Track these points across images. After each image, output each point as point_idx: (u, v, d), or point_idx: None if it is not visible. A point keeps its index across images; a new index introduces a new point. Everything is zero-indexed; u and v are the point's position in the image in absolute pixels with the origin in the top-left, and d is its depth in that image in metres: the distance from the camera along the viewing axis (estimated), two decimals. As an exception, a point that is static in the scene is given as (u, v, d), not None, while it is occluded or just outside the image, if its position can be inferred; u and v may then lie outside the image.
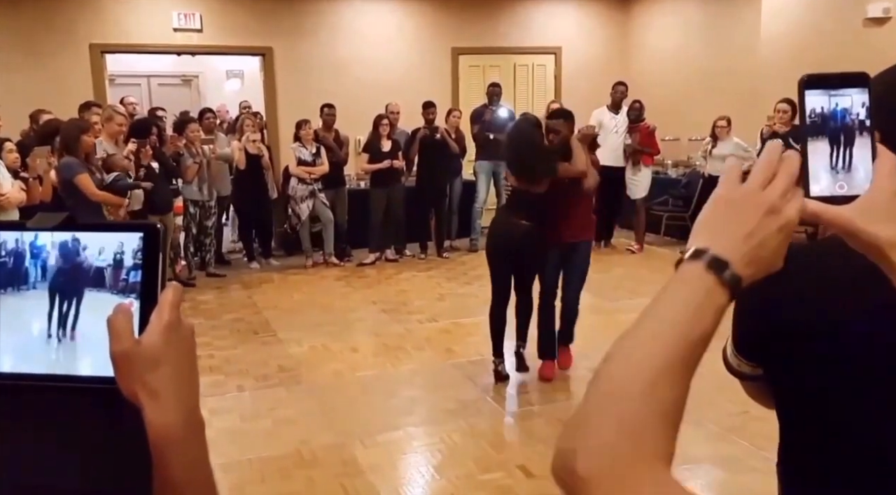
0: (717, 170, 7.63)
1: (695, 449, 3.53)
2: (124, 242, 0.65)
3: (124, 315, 0.62)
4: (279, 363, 4.80)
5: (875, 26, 6.62)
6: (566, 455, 0.62)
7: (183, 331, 0.64)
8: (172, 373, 0.62)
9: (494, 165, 8.21)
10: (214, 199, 7.19)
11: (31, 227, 0.67)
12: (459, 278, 7.07)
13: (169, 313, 0.63)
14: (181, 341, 0.64)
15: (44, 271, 0.66)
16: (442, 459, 3.46)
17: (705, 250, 0.66)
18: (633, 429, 0.61)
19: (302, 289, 6.81)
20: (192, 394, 0.65)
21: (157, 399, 0.61)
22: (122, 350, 0.61)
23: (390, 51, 8.99)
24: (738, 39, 8.18)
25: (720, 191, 0.71)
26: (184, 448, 0.63)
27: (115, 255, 0.65)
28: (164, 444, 0.62)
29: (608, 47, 9.92)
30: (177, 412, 0.62)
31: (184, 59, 9.37)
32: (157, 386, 0.62)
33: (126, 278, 0.65)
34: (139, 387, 0.62)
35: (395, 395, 4.28)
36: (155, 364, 0.62)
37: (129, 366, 0.61)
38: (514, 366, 4.50)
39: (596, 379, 0.64)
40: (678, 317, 0.65)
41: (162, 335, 0.62)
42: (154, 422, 0.61)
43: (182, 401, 0.63)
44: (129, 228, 0.66)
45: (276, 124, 8.69)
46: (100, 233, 0.66)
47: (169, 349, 0.62)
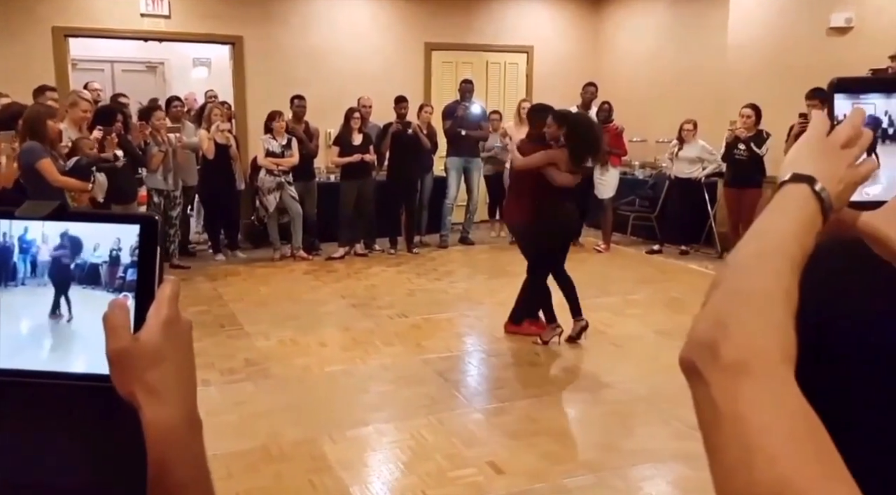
0: (683, 172, 7.77)
1: (662, 445, 3.58)
2: (121, 238, 0.62)
3: (121, 310, 0.60)
4: (246, 357, 4.74)
5: (838, 35, 6.78)
6: (705, 346, 0.60)
7: (182, 327, 0.62)
8: (172, 371, 0.60)
9: (465, 161, 8.23)
10: (180, 189, 7.06)
11: (21, 216, 0.63)
12: (430, 274, 7.07)
13: (168, 308, 0.61)
14: (180, 337, 0.62)
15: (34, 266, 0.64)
16: (412, 455, 3.46)
17: (812, 178, 0.66)
18: (777, 329, 0.59)
19: (269, 282, 6.74)
20: (191, 392, 0.63)
21: (158, 397, 0.59)
22: (119, 347, 0.59)
23: (363, 43, 8.93)
24: (706, 44, 8.31)
25: (811, 137, 0.70)
26: (184, 447, 0.61)
27: (111, 252, 0.62)
28: (165, 444, 0.60)
29: (579, 48, 10.00)
30: (178, 410, 0.60)
31: (149, 45, 9.18)
32: (157, 384, 0.59)
33: (123, 276, 0.62)
34: (137, 386, 0.59)
35: (365, 390, 4.26)
36: (154, 361, 0.59)
37: (126, 364, 0.59)
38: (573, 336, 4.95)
39: (732, 278, 0.64)
40: (795, 230, 0.65)
41: (161, 331, 0.60)
42: (154, 422, 0.59)
43: (183, 400, 0.61)
44: (125, 219, 0.63)
45: (245, 114, 8.57)
46: (94, 225, 0.63)
47: (168, 345, 0.60)
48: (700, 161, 7.70)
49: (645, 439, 3.67)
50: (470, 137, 8.19)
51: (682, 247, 7.85)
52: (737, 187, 7.04)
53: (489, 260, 7.80)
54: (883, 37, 6.10)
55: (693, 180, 7.73)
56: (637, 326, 5.41)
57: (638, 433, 3.77)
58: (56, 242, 0.63)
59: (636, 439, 3.68)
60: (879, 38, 6.16)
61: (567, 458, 3.46)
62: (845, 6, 6.71)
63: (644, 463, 3.42)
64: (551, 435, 3.71)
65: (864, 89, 0.74)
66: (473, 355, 4.98)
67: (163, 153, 6.73)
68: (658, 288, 6.54)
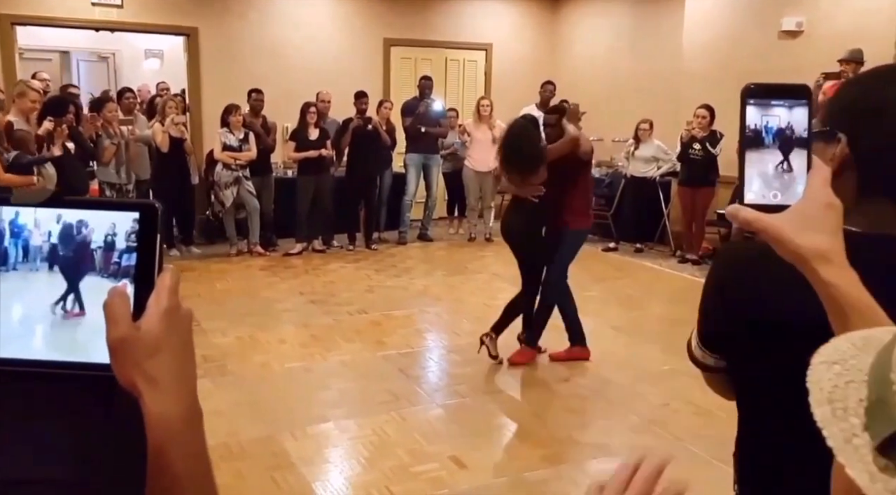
0: (639, 171, 7.90)
1: (617, 439, 3.65)
2: (116, 223, 0.62)
3: (121, 298, 0.59)
4: (203, 353, 4.66)
5: (789, 38, 6.98)
6: None
7: (182, 317, 0.62)
8: (173, 361, 0.60)
9: (425, 158, 8.23)
10: (133, 183, 6.91)
11: (16, 203, 0.63)
12: (388, 270, 7.05)
13: (168, 298, 0.60)
14: (180, 327, 0.61)
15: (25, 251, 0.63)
16: (374, 451, 3.45)
17: None
18: None
19: (225, 278, 6.64)
20: (191, 383, 0.62)
21: (158, 387, 0.59)
22: (120, 336, 0.58)
23: (322, 38, 8.85)
24: (662, 45, 8.47)
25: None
26: (185, 438, 0.61)
27: (105, 237, 0.62)
28: (164, 435, 0.59)
29: (538, 46, 10.08)
30: (178, 401, 0.60)
31: (101, 36, 8.92)
32: (157, 373, 0.59)
33: (118, 261, 0.62)
34: (138, 375, 0.59)
35: (326, 387, 4.23)
36: (155, 350, 0.59)
37: (127, 353, 0.58)
38: None
39: None
40: None
41: (162, 320, 0.59)
42: (154, 412, 0.59)
43: (183, 390, 0.61)
44: (124, 207, 0.62)
45: (200, 107, 8.41)
46: (91, 212, 0.63)
47: (169, 335, 0.60)
48: (655, 160, 7.85)
49: (602, 432, 3.73)
50: (429, 134, 8.19)
51: (637, 245, 7.99)
52: (691, 186, 7.19)
53: (448, 256, 7.82)
54: (832, 41, 6.30)
55: (648, 179, 7.87)
56: (593, 322, 5.48)
57: (596, 426, 3.83)
58: (51, 227, 0.62)
59: (594, 432, 3.74)
60: (829, 42, 6.36)
61: (527, 452, 3.50)
62: (796, 11, 6.91)
63: (602, 456, 3.48)
64: (511, 430, 3.75)
65: (773, 96, 0.77)
66: (434, 351, 4.99)
67: (115, 146, 6.57)
68: (614, 285, 6.65)
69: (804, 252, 0.72)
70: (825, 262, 0.72)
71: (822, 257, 0.72)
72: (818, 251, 0.72)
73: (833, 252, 0.72)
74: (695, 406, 3.81)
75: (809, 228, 0.72)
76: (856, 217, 0.92)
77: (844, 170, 0.92)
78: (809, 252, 0.72)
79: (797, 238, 0.72)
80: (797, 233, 0.72)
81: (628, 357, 4.78)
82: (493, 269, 7.07)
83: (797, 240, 0.72)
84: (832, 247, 0.72)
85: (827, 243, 0.72)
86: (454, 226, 8.97)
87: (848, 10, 6.49)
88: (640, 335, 5.20)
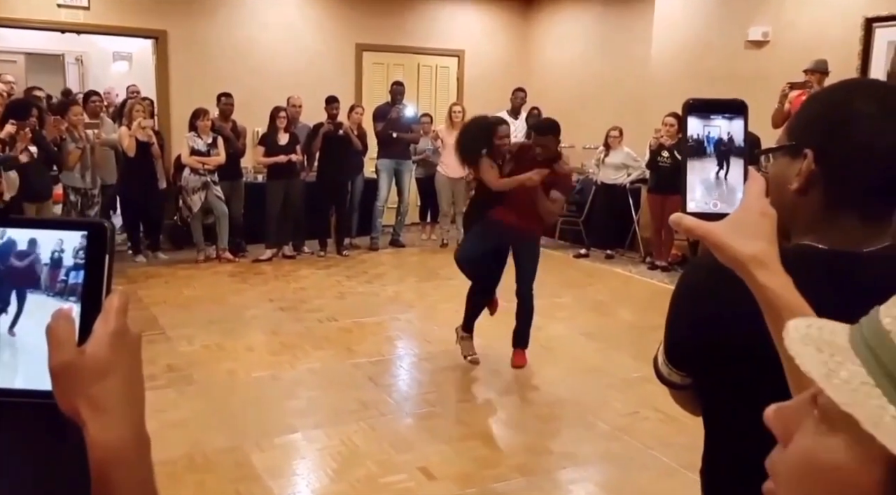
0: (609, 178, 7.95)
1: (587, 448, 3.65)
2: (64, 239, 0.59)
3: (65, 321, 0.56)
4: (168, 362, 4.58)
5: (755, 48, 7.08)
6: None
7: (130, 340, 0.59)
8: (120, 386, 0.57)
9: (396, 164, 8.19)
10: (98, 188, 6.78)
11: None
12: (360, 277, 7.00)
13: (116, 320, 0.58)
14: (129, 351, 0.59)
15: None
16: (342, 462, 3.41)
17: None
18: None
19: (193, 284, 6.54)
20: (139, 409, 0.60)
21: (104, 414, 0.56)
22: (64, 361, 0.56)
23: (293, 42, 8.78)
24: (632, 53, 8.55)
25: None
26: (130, 467, 0.58)
27: (52, 254, 0.59)
28: (109, 464, 0.56)
29: (509, 53, 10.11)
30: (125, 428, 0.57)
31: (67, 38, 8.77)
32: (104, 400, 0.56)
33: (65, 279, 0.59)
34: (82, 402, 0.56)
35: (294, 396, 4.17)
36: (101, 375, 0.56)
37: (71, 379, 0.56)
38: None
39: None
40: None
41: (109, 344, 0.57)
42: (99, 440, 0.56)
43: (130, 416, 0.58)
44: (71, 226, 0.60)
45: (168, 111, 8.29)
46: (37, 231, 0.60)
47: (116, 359, 0.57)
48: (625, 167, 7.91)
49: (573, 441, 3.73)
50: (401, 140, 8.16)
51: (607, 252, 8.04)
52: (660, 193, 7.25)
53: (420, 262, 7.79)
54: (797, 51, 6.40)
55: (618, 186, 7.93)
56: (564, 329, 5.51)
57: (566, 435, 3.83)
58: None
59: (564, 441, 3.74)
60: (794, 51, 6.47)
61: (497, 462, 3.48)
62: (762, 21, 7.01)
63: (572, 465, 3.47)
64: (482, 439, 3.73)
65: (713, 111, 0.82)
66: (404, 359, 4.95)
67: (80, 150, 6.44)
68: (585, 291, 6.67)
69: (742, 257, 0.77)
70: (761, 267, 0.77)
71: (759, 262, 0.77)
72: (754, 257, 0.76)
73: (768, 257, 0.77)
74: (663, 414, 3.83)
75: (746, 235, 0.77)
76: (822, 233, 0.92)
77: (811, 186, 0.91)
78: (746, 257, 0.77)
79: (735, 244, 0.77)
80: (735, 240, 0.77)
81: (599, 364, 4.79)
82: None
83: (735, 247, 0.77)
84: (767, 253, 0.77)
85: (763, 249, 0.77)
86: (427, 231, 8.95)
87: (812, 20, 6.60)
88: (610, 341, 5.22)
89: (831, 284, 0.86)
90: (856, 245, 0.90)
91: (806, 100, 0.98)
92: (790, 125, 0.94)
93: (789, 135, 0.94)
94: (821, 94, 1.00)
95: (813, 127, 0.91)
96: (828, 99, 0.95)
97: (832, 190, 0.89)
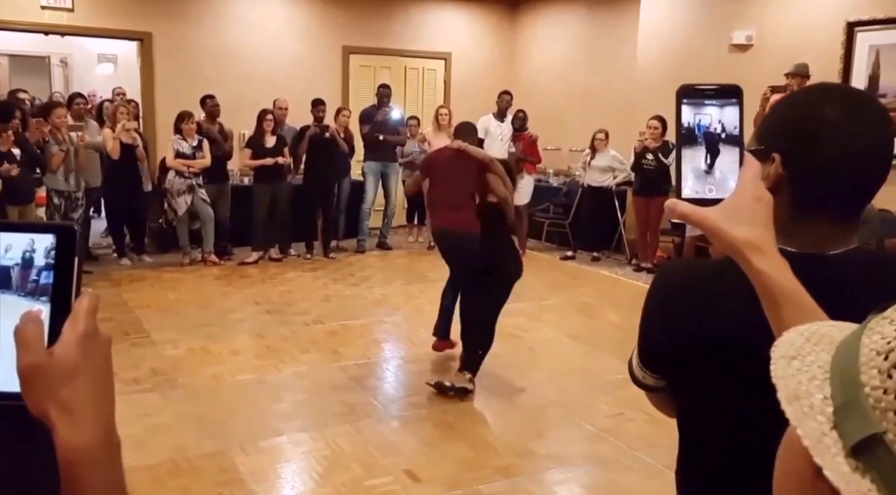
0: (595, 180, 7.99)
1: (573, 449, 3.66)
2: (35, 240, 0.59)
3: (34, 324, 0.56)
4: (152, 366, 4.55)
5: (739, 52, 7.14)
6: None
7: (100, 342, 0.59)
8: (89, 388, 0.57)
9: (383, 166, 8.19)
10: (82, 190, 6.72)
11: None
12: (346, 279, 6.99)
13: (85, 322, 0.57)
14: (98, 353, 0.58)
15: None
16: (327, 465, 3.40)
17: None
18: None
19: (178, 287, 6.50)
20: (109, 411, 0.59)
21: (72, 416, 0.56)
22: (32, 362, 0.55)
23: (279, 44, 8.76)
24: (617, 56, 8.59)
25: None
26: (100, 470, 0.58)
27: (24, 253, 0.59)
28: (78, 466, 0.56)
29: (496, 56, 10.13)
30: (94, 430, 0.57)
31: (51, 39, 8.71)
32: (72, 401, 0.56)
33: (36, 279, 0.59)
34: (51, 404, 0.56)
35: (279, 399, 4.16)
36: (70, 377, 0.56)
37: (39, 381, 0.56)
38: None
39: None
40: None
41: (77, 346, 0.57)
42: (68, 442, 0.56)
43: (99, 419, 0.58)
44: (39, 229, 0.60)
45: (154, 113, 8.25)
46: (7, 233, 0.60)
47: (85, 361, 0.57)
48: (611, 170, 7.94)
49: (558, 443, 3.73)
50: (388, 142, 8.16)
51: (594, 254, 8.07)
52: (645, 196, 7.28)
53: (406, 265, 7.79)
54: (780, 55, 6.45)
55: (604, 188, 7.96)
56: (551, 331, 5.52)
57: (551, 437, 3.83)
58: None
59: (550, 443, 3.74)
60: (777, 55, 6.52)
61: (483, 464, 3.48)
62: (746, 25, 7.07)
63: (558, 466, 3.48)
64: (467, 442, 3.73)
65: (705, 96, 0.82)
66: (391, 362, 4.95)
67: (64, 152, 6.39)
68: (571, 293, 6.69)
69: (737, 243, 0.77)
70: (757, 252, 0.76)
71: (754, 247, 0.76)
72: (750, 241, 0.76)
73: (764, 242, 0.77)
74: (648, 415, 3.83)
75: (741, 220, 0.76)
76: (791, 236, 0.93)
77: (778, 190, 0.92)
78: (742, 242, 0.76)
79: (730, 229, 0.77)
80: (730, 225, 0.77)
81: (585, 365, 4.80)
82: (451, 278, 7.05)
83: (730, 232, 0.77)
84: (763, 237, 0.77)
85: (758, 234, 0.77)
86: (414, 234, 8.95)
87: (795, 25, 6.66)
88: (596, 343, 5.24)
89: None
90: (823, 247, 0.91)
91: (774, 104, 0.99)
92: (759, 129, 0.95)
93: (758, 140, 0.95)
94: (788, 98, 1.01)
95: (780, 132, 0.92)
96: (795, 104, 0.96)
97: (800, 193, 0.90)
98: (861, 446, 0.41)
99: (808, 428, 0.43)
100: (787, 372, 0.47)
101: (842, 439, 0.42)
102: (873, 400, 0.41)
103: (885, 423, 0.40)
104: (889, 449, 0.40)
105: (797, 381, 0.46)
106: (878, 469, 0.40)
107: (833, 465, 0.41)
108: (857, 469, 0.41)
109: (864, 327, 0.45)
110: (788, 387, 0.46)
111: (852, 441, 0.41)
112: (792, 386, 0.46)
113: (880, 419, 0.41)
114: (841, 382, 0.44)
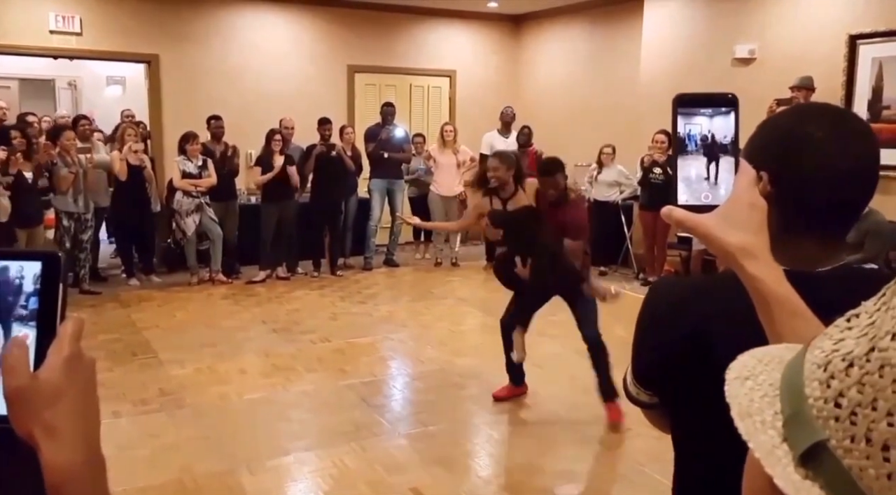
0: (602, 195, 7.99)
1: (580, 466, 3.64)
2: (24, 266, 0.61)
3: (19, 349, 0.58)
4: (160, 386, 4.57)
5: (742, 66, 7.16)
6: None
7: (84, 366, 0.60)
8: (73, 410, 0.59)
9: (389, 183, 8.22)
10: (91, 212, 6.78)
11: None
12: (353, 297, 7.00)
13: (69, 346, 0.59)
14: (82, 375, 0.60)
15: None
16: (333, 484, 3.39)
17: None
18: None
19: (186, 307, 6.53)
20: (93, 432, 0.61)
21: (56, 437, 0.58)
22: (17, 386, 0.57)
23: (285, 65, 8.84)
24: (621, 71, 8.62)
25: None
26: (85, 489, 0.59)
27: (14, 280, 0.61)
28: (63, 486, 0.58)
29: (500, 73, 10.19)
30: (78, 450, 0.59)
31: (60, 63, 8.82)
32: (56, 423, 0.58)
33: (25, 305, 0.61)
34: (36, 425, 0.58)
35: (286, 418, 4.16)
36: (54, 400, 0.58)
37: (24, 403, 0.57)
38: None
39: None
40: None
41: (61, 369, 0.58)
42: (53, 462, 0.57)
43: (83, 439, 0.59)
44: (25, 257, 0.61)
45: (161, 134, 8.32)
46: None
47: (69, 384, 0.59)
48: (618, 185, 7.95)
49: (565, 459, 3.71)
50: (393, 160, 8.20)
51: (601, 268, 8.05)
52: (652, 210, 7.27)
53: (413, 282, 7.79)
54: (782, 68, 6.46)
55: (611, 203, 7.96)
56: (558, 347, 5.50)
57: (559, 454, 3.81)
58: None
59: (558, 460, 3.72)
60: (780, 69, 6.53)
61: (490, 481, 3.46)
62: (749, 39, 7.09)
63: (566, 483, 3.46)
64: (475, 459, 3.71)
65: (699, 105, 0.84)
66: (397, 379, 4.95)
67: (73, 174, 6.45)
68: (578, 308, 6.65)
69: (731, 249, 0.77)
70: (751, 258, 0.76)
71: (748, 253, 0.76)
72: (743, 247, 0.76)
73: (758, 248, 0.77)
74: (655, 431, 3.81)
75: (735, 227, 0.77)
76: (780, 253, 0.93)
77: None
78: (736, 249, 0.77)
79: (724, 236, 0.77)
80: (724, 232, 0.77)
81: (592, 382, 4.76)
82: (459, 294, 7.06)
83: (725, 238, 0.77)
84: (757, 243, 0.77)
85: (752, 240, 0.77)
86: (420, 250, 8.96)
87: (797, 38, 6.67)
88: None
89: None
90: (812, 265, 0.92)
91: (761, 123, 0.99)
92: (747, 148, 0.96)
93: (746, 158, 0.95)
94: (773, 118, 1.02)
95: (768, 150, 0.93)
96: (781, 123, 0.97)
97: (788, 211, 0.91)
98: (808, 454, 0.43)
99: (759, 442, 0.45)
100: (741, 392, 0.49)
101: (791, 450, 0.44)
102: (816, 410, 0.43)
103: (828, 431, 0.42)
104: (833, 455, 0.42)
105: (749, 399, 0.48)
106: (824, 475, 0.42)
107: (784, 475, 0.43)
108: (806, 477, 0.42)
109: (809, 345, 0.48)
110: (741, 405, 0.48)
111: (800, 450, 0.43)
112: (745, 404, 0.47)
113: (823, 427, 0.42)
114: (789, 396, 0.45)
